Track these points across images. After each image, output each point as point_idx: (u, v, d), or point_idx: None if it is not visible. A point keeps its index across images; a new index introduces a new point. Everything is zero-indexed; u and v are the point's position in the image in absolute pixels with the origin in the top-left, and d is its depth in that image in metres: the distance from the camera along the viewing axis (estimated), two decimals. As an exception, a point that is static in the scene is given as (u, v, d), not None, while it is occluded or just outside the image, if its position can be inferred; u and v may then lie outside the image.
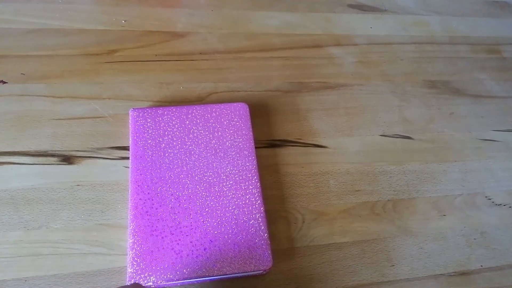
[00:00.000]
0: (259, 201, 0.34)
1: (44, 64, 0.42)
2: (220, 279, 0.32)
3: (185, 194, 0.34)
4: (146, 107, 0.38)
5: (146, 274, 0.30)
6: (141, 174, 0.34)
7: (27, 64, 0.41)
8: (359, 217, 0.38)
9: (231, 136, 0.37)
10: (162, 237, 0.31)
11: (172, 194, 0.33)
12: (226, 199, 0.34)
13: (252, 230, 0.33)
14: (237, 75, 0.45)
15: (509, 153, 0.46)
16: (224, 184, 0.35)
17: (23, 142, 0.37)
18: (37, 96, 0.39)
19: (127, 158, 0.37)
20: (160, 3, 0.49)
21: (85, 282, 0.31)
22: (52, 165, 0.36)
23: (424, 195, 0.41)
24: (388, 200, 0.40)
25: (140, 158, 0.35)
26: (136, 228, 0.31)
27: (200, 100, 0.42)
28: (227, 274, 0.31)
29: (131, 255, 0.30)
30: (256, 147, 0.38)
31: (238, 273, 0.31)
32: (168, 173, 0.34)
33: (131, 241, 0.31)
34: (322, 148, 0.42)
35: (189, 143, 0.36)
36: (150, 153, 0.35)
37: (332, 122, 0.44)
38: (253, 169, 0.36)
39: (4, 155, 0.36)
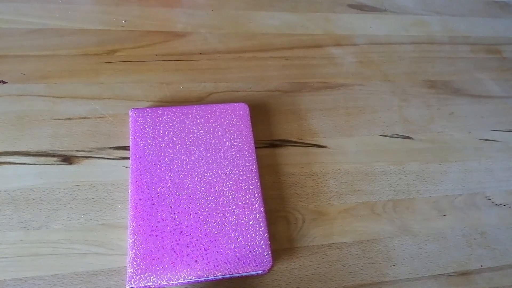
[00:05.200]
0: (259, 201, 0.34)
1: (44, 64, 0.42)
2: (220, 279, 0.33)
3: (185, 194, 0.34)
4: (146, 107, 0.38)
5: (146, 274, 0.30)
6: (141, 174, 0.34)
7: (27, 64, 0.41)
8: (359, 217, 0.38)
9: (231, 136, 0.37)
10: (162, 237, 0.31)
11: (172, 194, 0.33)
12: (226, 199, 0.34)
13: (252, 230, 0.33)
14: (237, 75, 0.45)
15: (509, 153, 0.46)
16: (224, 184, 0.35)
17: (23, 142, 0.37)
18: (37, 96, 0.39)
19: (127, 158, 0.37)
20: (160, 3, 0.49)
21: (85, 282, 0.31)
22: (52, 165, 0.36)
23: (424, 195, 0.41)
24: (388, 200, 0.40)
25: (140, 158, 0.35)
26: (136, 228, 0.31)
27: (200, 100, 0.42)
28: (227, 274, 0.31)
29: (131, 255, 0.30)
30: (256, 147, 0.38)
31: (238, 273, 0.31)
32: (168, 173, 0.34)
33: (131, 241, 0.31)
34: (322, 148, 0.42)
35: (189, 143, 0.36)
36: (150, 153, 0.35)
37: (332, 122, 0.44)
38: (253, 169, 0.36)
39: (4, 155, 0.36)
